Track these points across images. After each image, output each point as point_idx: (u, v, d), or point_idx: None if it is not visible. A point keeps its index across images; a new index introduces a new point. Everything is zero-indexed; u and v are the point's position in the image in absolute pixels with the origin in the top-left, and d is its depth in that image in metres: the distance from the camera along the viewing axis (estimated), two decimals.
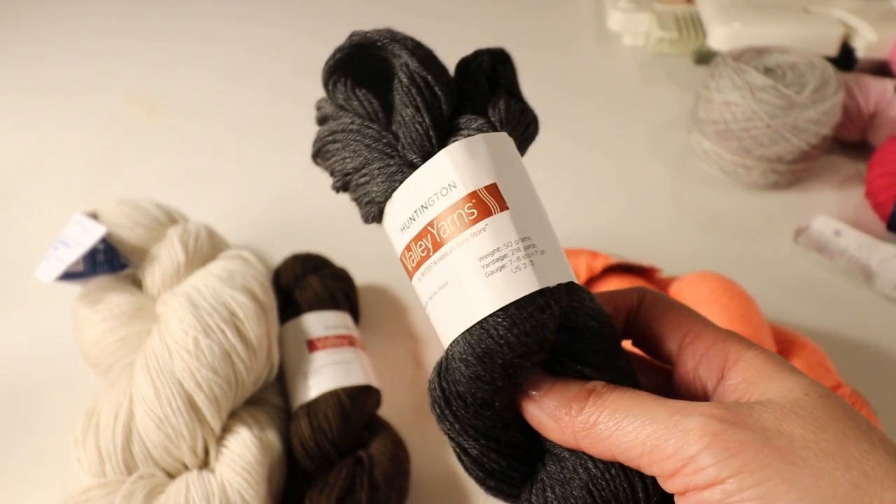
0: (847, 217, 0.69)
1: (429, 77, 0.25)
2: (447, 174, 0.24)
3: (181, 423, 0.44)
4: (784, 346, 0.51)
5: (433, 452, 0.51)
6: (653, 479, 0.23)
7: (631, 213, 0.71)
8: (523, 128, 0.28)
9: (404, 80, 0.25)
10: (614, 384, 0.24)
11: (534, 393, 0.24)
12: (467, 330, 0.24)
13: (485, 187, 0.24)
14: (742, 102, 0.68)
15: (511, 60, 0.29)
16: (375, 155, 0.26)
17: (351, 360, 0.50)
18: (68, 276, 0.50)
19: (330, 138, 0.28)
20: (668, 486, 0.21)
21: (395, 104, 0.26)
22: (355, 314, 0.58)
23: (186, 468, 0.45)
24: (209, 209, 0.64)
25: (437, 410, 0.25)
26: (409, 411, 0.54)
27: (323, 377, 0.49)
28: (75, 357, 0.51)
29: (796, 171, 0.72)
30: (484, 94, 0.27)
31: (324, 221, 0.70)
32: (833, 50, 0.81)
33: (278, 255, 0.61)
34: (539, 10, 1.05)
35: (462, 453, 0.25)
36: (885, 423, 0.49)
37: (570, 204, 0.71)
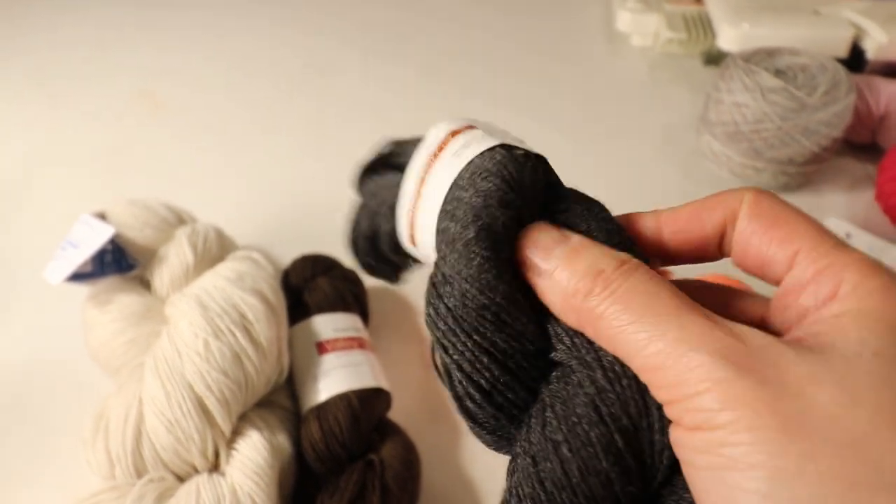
0: (857, 220, 0.69)
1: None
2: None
3: (191, 426, 0.43)
4: None
5: (444, 455, 0.51)
6: None
7: None
8: None
9: None
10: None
11: (536, 248, 0.22)
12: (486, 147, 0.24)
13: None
14: (753, 104, 0.68)
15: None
16: None
17: (361, 362, 0.50)
18: (76, 276, 0.50)
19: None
20: (665, 410, 0.19)
21: None
22: (365, 316, 0.58)
23: (196, 471, 0.44)
24: (217, 209, 0.64)
25: (433, 318, 0.22)
26: (419, 414, 0.53)
27: (333, 379, 0.48)
28: (84, 358, 0.51)
29: (806, 173, 0.72)
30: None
31: (333, 222, 0.69)
32: (843, 51, 0.81)
33: (287, 256, 0.61)
34: (547, 10, 1.05)
35: (456, 367, 0.21)
36: None
37: None
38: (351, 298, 0.56)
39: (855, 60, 0.81)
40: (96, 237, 0.51)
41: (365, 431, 0.47)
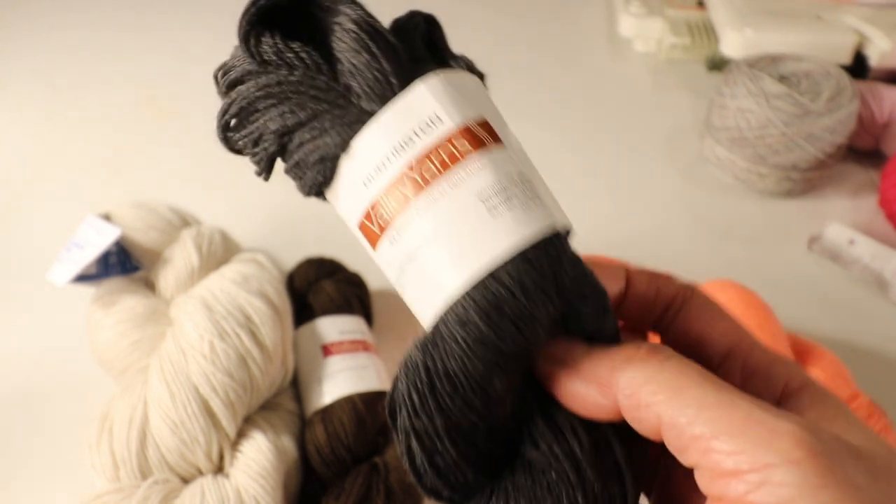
0: (861, 226, 0.69)
1: (377, 25, 0.22)
2: (428, 108, 0.21)
3: (196, 428, 0.43)
4: (802, 355, 0.50)
5: None
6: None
7: (643, 220, 0.71)
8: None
9: (351, 27, 0.22)
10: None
11: (566, 356, 0.21)
12: (470, 282, 0.20)
13: (475, 121, 0.21)
14: (757, 110, 0.68)
15: (441, 27, 0.25)
16: (325, 106, 0.22)
17: (366, 365, 0.50)
18: (81, 278, 0.50)
19: (261, 93, 0.23)
20: (710, 484, 0.17)
21: (341, 55, 0.22)
22: (369, 319, 0.58)
23: (201, 473, 0.44)
24: (221, 212, 0.64)
25: (414, 399, 0.20)
26: None
27: (338, 382, 0.48)
28: (88, 360, 0.51)
29: (810, 179, 0.72)
30: (424, 56, 0.24)
31: (336, 226, 0.69)
32: (846, 58, 0.81)
33: (291, 260, 0.61)
34: (550, 15, 1.05)
35: (426, 460, 0.20)
36: None
37: (583, 210, 0.71)
38: (355, 301, 0.56)
39: (858, 67, 0.82)
40: (101, 239, 0.51)
41: (370, 434, 0.47)
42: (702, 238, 0.69)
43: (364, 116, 0.22)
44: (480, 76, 0.24)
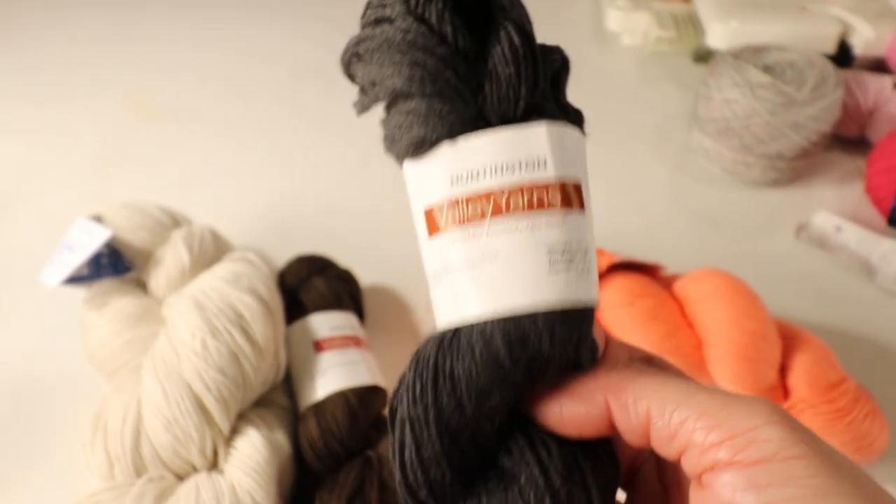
0: (847, 213, 0.69)
1: (536, 51, 0.23)
2: (540, 149, 0.22)
3: (190, 425, 0.44)
4: (789, 341, 0.51)
5: None
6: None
7: (632, 212, 0.72)
8: None
9: (515, 39, 0.23)
10: None
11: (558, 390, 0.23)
12: (508, 313, 0.22)
13: (572, 181, 0.22)
14: (742, 100, 0.69)
15: (568, 72, 0.26)
16: (452, 93, 0.23)
17: (357, 360, 0.50)
18: (73, 279, 0.50)
19: (403, 47, 0.23)
20: (699, 459, 0.19)
21: (492, 57, 0.23)
22: (360, 314, 0.58)
23: (195, 470, 0.45)
24: (212, 212, 0.64)
25: (417, 388, 0.22)
26: None
27: (330, 378, 0.49)
28: (81, 361, 0.51)
29: (796, 167, 0.72)
30: (547, 91, 0.25)
31: (326, 223, 0.70)
32: (831, 47, 0.82)
33: (282, 257, 0.61)
34: (536, 9, 1.04)
35: (414, 450, 0.22)
36: (890, 416, 0.49)
37: None
38: (346, 297, 0.56)
39: (843, 56, 0.82)
40: (92, 240, 0.51)
41: (363, 429, 0.47)
42: (690, 229, 0.70)
43: (480, 121, 0.23)
44: (583, 130, 0.26)
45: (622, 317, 0.52)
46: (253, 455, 0.44)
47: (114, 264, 0.53)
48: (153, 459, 0.44)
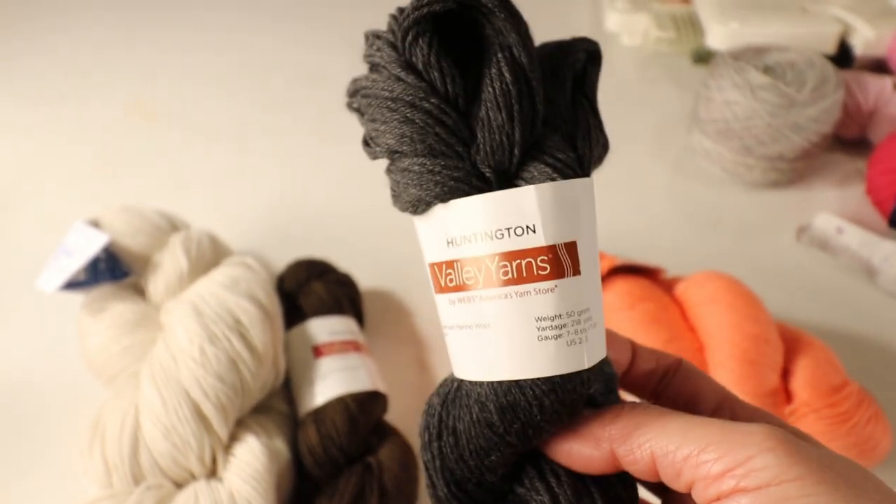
0: (848, 214, 0.69)
1: (533, 81, 0.22)
2: (529, 215, 0.21)
3: (188, 432, 0.43)
4: (791, 343, 0.51)
5: None
6: None
7: (632, 214, 0.71)
8: (597, 155, 0.26)
9: (507, 75, 0.21)
10: None
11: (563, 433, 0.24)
12: (496, 380, 0.22)
13: (564, 244, 0.22)
14: (743, 101, 0.68)
15: (599, 67, 0.25)
16: (443, 149, 0.22)
17: (357, 365, 0.50)
18: (70, 285, 0.50)
19: (389, 103, 0.23)
20: (705, 492, 0.20)
21: (484, 95, 0.22)
22: (360, 319, 0.58)
23: (194, 477, 0.44)
24: (210, 216, 0.64)
25: (426, 438, 0.24)
26: (415, 416, 0.53)
27: (330, 383, 0.48)
28: (79, 367, 0.51)
29: (797, 168, 0.72)
30: (566, 106, 0.24)
31: (325, 227, 0.70)
32: (831, 48, 0.82)
33: (281, 262, 0.61)
34: (535, 11, 1.04)
35: (430, 489, 0.24)
36: (893, 420, 0.49)
37: None
38: (346, 302, 0.56)
39: (843, 56, 0.82)
40: (90, 245, 0.50)
41: (362, 435, 0.47)
42: (690, 230, 0.70)
43: (473, 178, 0.22)
44: (606, 142, 0.26)
45: (623, 321, 0.51)
46: (252, 462, 0.43)
47: (111, 269, 0.52)
48: (151, 467, 0.43)
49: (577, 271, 0.22)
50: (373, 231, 0.69)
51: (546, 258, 0.21)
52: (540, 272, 0.21)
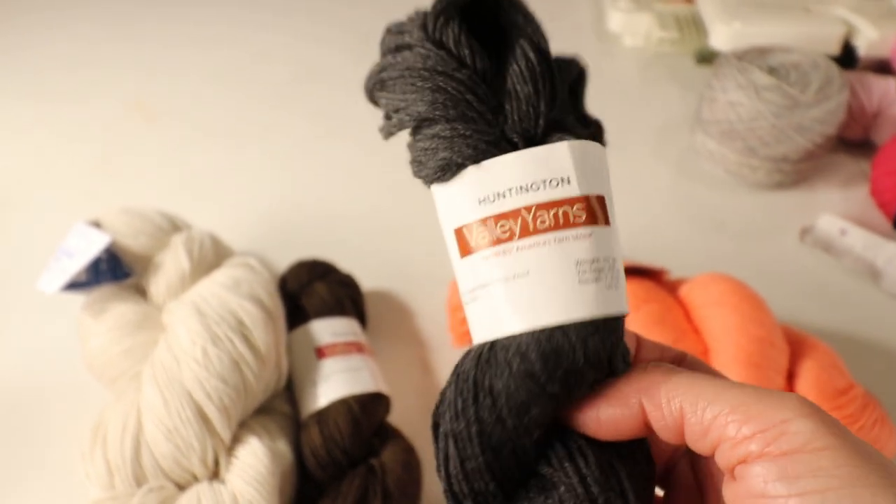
0: (852, 216, 0.69)
1: (552, 64, 0.24)
2: (563, 168, 0.23)
3: (191, 434, 0.43)
4: (796, 346, 0.50)
5: None
6: None
7: (635, 214, 0.71)
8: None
9: (531, 56, 0.24)
10: None
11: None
12: (540, 326, 0.22)
13: (596, 196, 0.23)
14: (747, 102, 0.68)
15: (586, 82, 0.28)
16: (474, 115, 0.24)
17: (360, 367, 0.50)
18: (72, 286, 0.50)
19: (424, 73, 0.24)
20: (731, 452, 0.20)
21: (510, 76, 0.24)
22: (362, 320, 0.57)
23: (196, 479, 0.44)
24: (211, 217, 0.63)
25: (458, 405, 0.23)
26: (418, 418, 0.53)
27: (332, 385, 0.48)
28: (80, 368, 0.51)
29: (801, 170, 0.72)
30: (566, 103, 0.26)
31: (327, 227, 0.70)
32: (834, 48, 0.81)
33: (282, 263, 0.60)
34: (537, 11, 1.04)
35: (458, 463, 0.23)
36: None
37: None
38: (348, 303, 0.55)
39: (847, 57, 0.82)
40: (91, 246, 0.50)
41: (366, 436, 0.47)
42: (694, 231, 0.69)
43: (503, 142, 0.24)
44: (603, 142, 0.27)
45: (628, 322, 0.50)
46: (254, 464, 0.43)
47: (113, 270, 0.52)
48: (153, 469, 0.43)
49: (608, 222, 0.23)
50: (375, 232, 0.68)
51: (581, 206, 0.23)
52: (576, 219, 0.23)
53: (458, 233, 0.24)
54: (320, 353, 0.50)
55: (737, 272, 0.54)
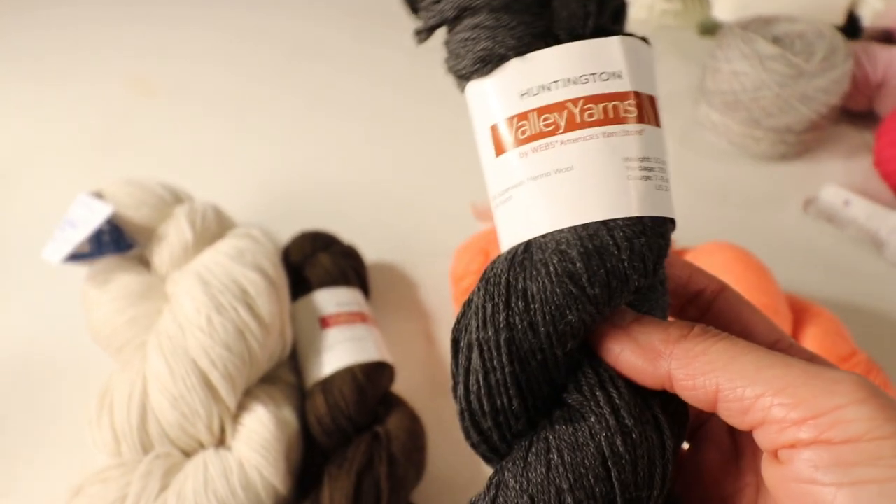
0: (856, 187, 0.69)
1: None
2: (615, 62, 0.22)
3: (196, 401, 0.43)
4: (799, 314, 0.50)
5: (447, 427, 0.51)
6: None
7: None
8: None
9: None
10: None
11: (623, 322, 0.22)
12: (584, 222, 0.21)
13: (646, 95, 0.22)
14: (751, 72, 0.67)
15: (627, 6, 0.26)
16: (520, 7, 0.22)
17: (364, 336, 0.50)
18: (75, 257, 0.50)
19: None
20: (778, 436, 0.18)
21: None
22: (366, 291, 0.57)
23: (203, 446, 0.44)
24: (215, 188, 0.63)
25: (488, 309, 0.21)
26: (422, 388, 0.53)
27: (337, 354, 0.48)
28: (85, 338, 0.51)
29: (805, 141, 0.71)
30: (612, 17, 0.25)
31: (330, 199, 0.69)
32: (839, 18, 0.80)
33: (286, 234, 0.60)
34: None
35: (482, 376, 0.21)
36: None
37: None
38: (352, 274, 0.55)
39: (851, 27, 0.81)
40: (94, 217, 0.50)
41: (370, 404, 0.47)
42: (698, 203, 0.69)
43: (549, 37, 0.22)
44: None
45: None
46: (260, 431, 0.43)
47: (116, 241, 0.52)
48: (160, 436, 0.43)
49: (658, 123, 0.22)
50: (377, 204, 0.68)
51: (632, 102, 0.22)
52: (627, 114, 0.22)
53: (494, 130, 0.23)
54: (324, 322, 0.50)
55: (740, 243, 0.54)
